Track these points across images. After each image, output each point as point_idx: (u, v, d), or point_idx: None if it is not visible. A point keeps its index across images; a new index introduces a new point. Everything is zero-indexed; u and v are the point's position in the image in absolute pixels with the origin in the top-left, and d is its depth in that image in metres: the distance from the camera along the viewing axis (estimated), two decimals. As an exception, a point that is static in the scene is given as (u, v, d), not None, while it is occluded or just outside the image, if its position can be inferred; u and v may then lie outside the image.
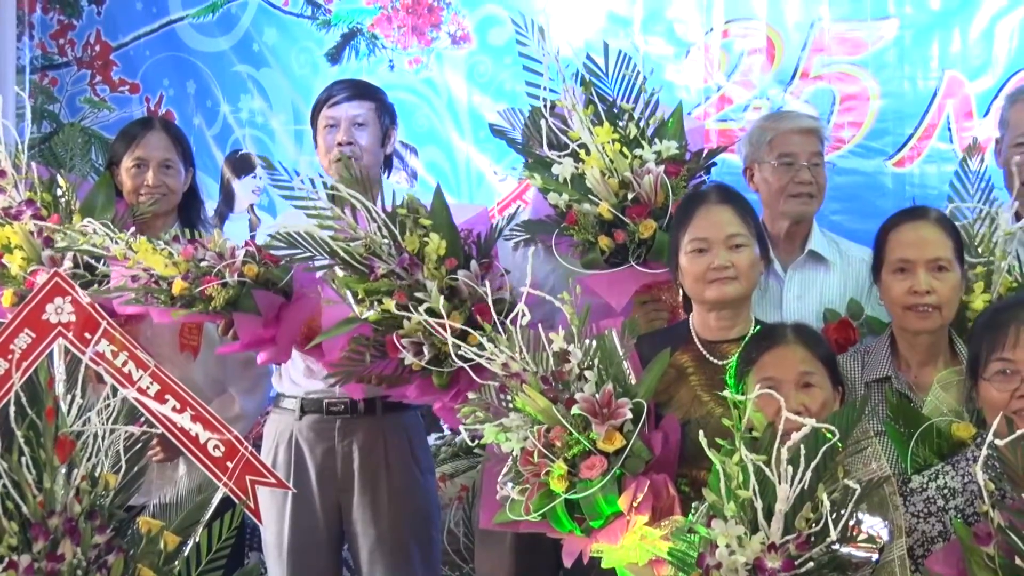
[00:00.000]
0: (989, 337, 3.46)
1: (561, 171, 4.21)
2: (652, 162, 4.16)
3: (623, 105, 4.30)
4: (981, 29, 5.45)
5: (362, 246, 4.04)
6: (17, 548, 3.63)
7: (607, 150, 4.16)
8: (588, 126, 4.19)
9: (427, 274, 3.97)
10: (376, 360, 4.08)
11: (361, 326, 4.05)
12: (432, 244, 4.00)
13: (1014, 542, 3.10)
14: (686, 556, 3.24)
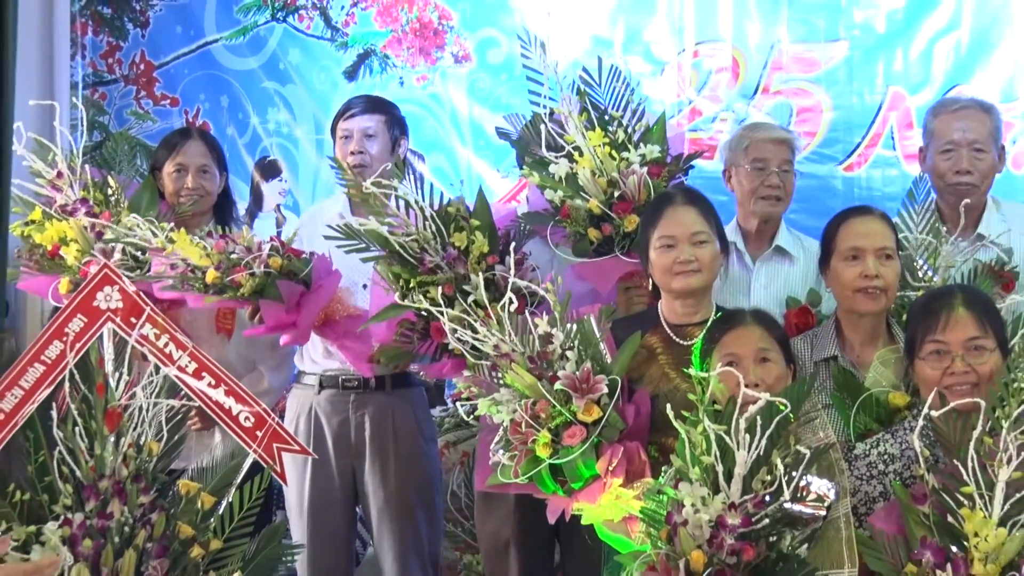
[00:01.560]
0: (924, 322, 3.49)
1: (557, 170, 4.23)
2: (637, 164, 4.18)
3: (613, 113, 4.31)
4: (920, 50, 5.46)
5: (414, 241, 4.07)
6: (71, 507, 3.66)
7: (598, 152, 4.18)
8: (582, 131, 4.21)
9: (470, 268, 4.00)
10: (421, 342, 4.12)
11: (407, 312, 4.08)
12: (478, 242, 4.04)
13: (946, 502, 3.14)
14: (656, 514, 3.26)
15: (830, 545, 3.24)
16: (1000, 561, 3.04)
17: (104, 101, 5.97)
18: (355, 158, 4.74)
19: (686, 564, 3.11)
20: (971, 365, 3.40)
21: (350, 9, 5.88)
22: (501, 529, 4.56)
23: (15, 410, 3.83)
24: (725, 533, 3.11)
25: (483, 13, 5.78)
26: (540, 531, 4.44)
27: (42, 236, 4.63)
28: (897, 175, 5.40)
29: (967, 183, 4.49)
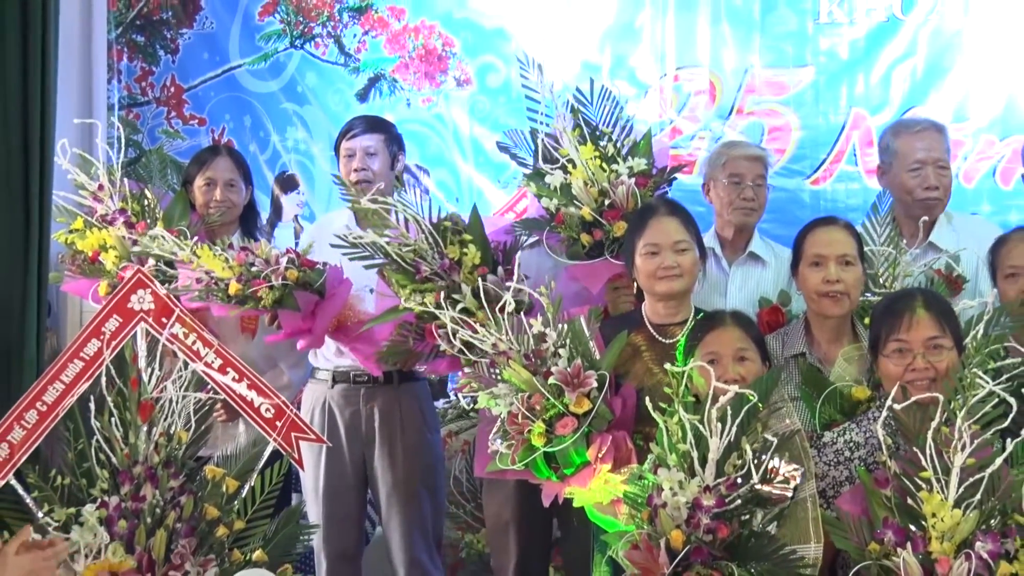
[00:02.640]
0: (887, 322, 3.49)
1: (552, 181, 4.22)
2: (625, 175, 4.17)
3: (603, 129, 4.31)
4: (880, 75, 5.47)
5: (411, 251, 4.08)
6: (108, 491, 3.67)
7: (590, 165, 4.17)
8: (575, 145, 4.21)
9: (462, 278, 4.01)
10: (417, 342, 4.13)
11: (406, 315, 4.09)
12: (470, 254, 4.04)
13: (906, 486, 3.14)
14: (639, 497, 3.26)
15: (797, 523, 3.24)
16: (955, 540, 3.04)
17: (138, 121, 5.98)
18: (358, 175, 4.73)
19: (666, 543, 3.12)
20: (930, 362, 3.40)
21: (362, 37, 5.89)
22: (502, 510, 4.56)
23: (56, 402, 3.83)
24: (701, 513, 3.11)
25: (482, 41, 5.79)
26: (538, 512, 4.38)
27: (84, 243, 4.65)
28: (859, 188, 5.41)
29: (935, 198, 4.50)
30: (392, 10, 5.87)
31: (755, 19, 5.57)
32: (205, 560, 3.61)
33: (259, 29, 5.96)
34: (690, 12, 5.61)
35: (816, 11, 5.52)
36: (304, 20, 5.94)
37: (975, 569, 2.99)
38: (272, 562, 3.69)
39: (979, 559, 2.99)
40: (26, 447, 3.80)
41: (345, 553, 4.80)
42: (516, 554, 4.56)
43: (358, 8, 5.90)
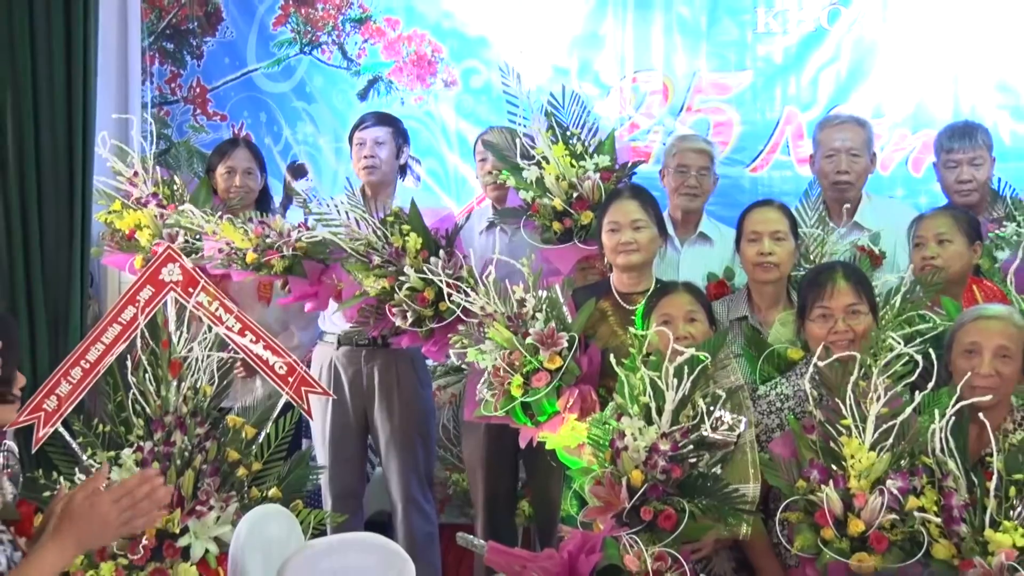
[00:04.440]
0: (812, 291, 3.49)
1: (529, 175, 4.20)
2: (592, 171, 4.16)
3: (573, 130, 4.29)
4: (809, 78, 5.46)
5: (362, 244, 4.10)
6: (143, 437, 3.68)
7: (561, 162, 4.16)
8: (548, 144, 4.19)
9: (409, 262, 4.01)
10: (378, 321, 4.15)
11: (368, 298, 4.12)
12: (411, 241, 4.04)
13: (829, 432, 3.15)
14: (603, 441, 3.27)
15: (738, 466, 3.25)
16: (870, 478, 3.05)
17: (168, 117, 5.95)
18: (368, 160, 4.76)
19: (627, 481, 3.13)
20: (850, 325, 3.40)
21: (362, 45, 5.86)
22: (473, 453, 4.64)
23: (98, 361, 3.84)
24: (658, 456, 3.12)
25: (467, 48, 5.76)
26: (503, 455, 4.53)
27: (121, 222, 4.65)
28: (791, 175, 5.40)
29: (845, 181, 4.50)
30: (388, 21, 5.85)
31: (702, 30, 5.55)
32: (227, 496, 3.61)
33: (273, 37, 5.94)
34: (646, 23, 5.59)
35: (754, 22, 5.51)
36: (312, 30, 5.91)
37: (887, 503, 3.00)
38: (285, 498, 3.70)
39: (890, 494, 3.01)
40: (72, 399, 3.81)
41: (348, 491, 4.80)
42: (483, 490, 4.64)
43: (359, 19, 5.88)
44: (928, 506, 3.00)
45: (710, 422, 3.15)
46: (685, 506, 3.11)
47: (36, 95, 4.61)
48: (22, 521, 2.49)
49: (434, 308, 4.00)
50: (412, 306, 3.99)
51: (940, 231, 3.91)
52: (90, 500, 2.29)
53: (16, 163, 4.58)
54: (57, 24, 4.62)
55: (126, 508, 2.31)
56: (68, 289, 4.65)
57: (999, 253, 3.96)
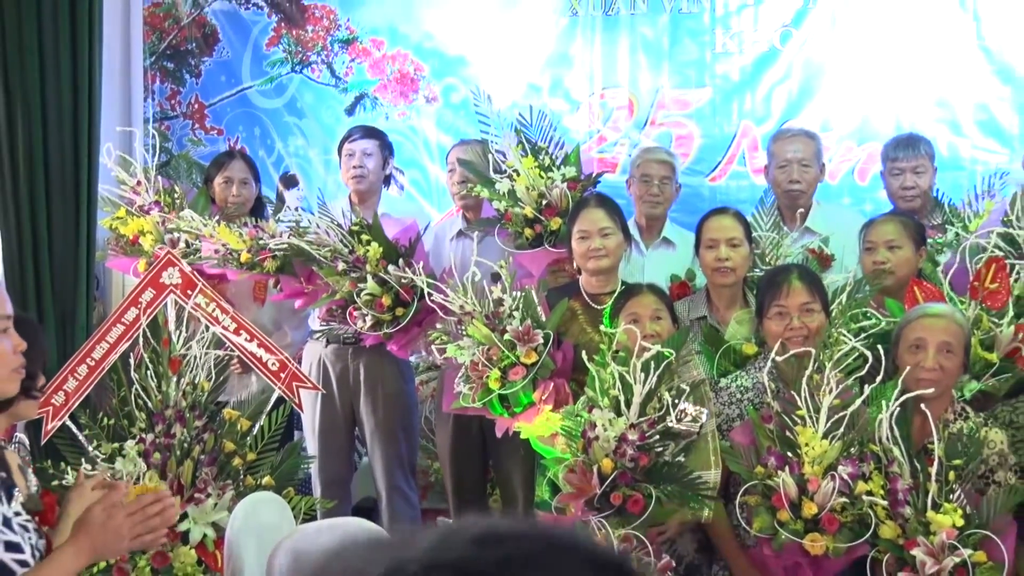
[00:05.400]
0: (769, 291, 3.49)
1: (501, 186, 4.20)
2: (559, 181, 4.16)
3: (540, 145, 4.29)
4: (764, 94, 5.45)
5: (328, 251, 4.10)
6: (145, 429, 3.66)
7: (531, 174, 4.16)
8: (518, 158, 4.20)
9: (370, 269, 4.01)
10: (343, 322, 4.16)
11: (335, 300, 4.13)
12: (372, 251, 4.03)
13: (785, 421, 3.16)
14: (575, 431, 3.26)
15: (700, 454, 3.25)
16: (823, 464, 3.07)
17: (168, 131, 5.91)
18: (356, 171, 4.77)
19: (598, 468, 3.12)
20: (804, 323, 3.40)
21: (349, 64, 5.84)
22: (443, 443, 4.63)
23: (103, 358, 3.81)
24: (626, 445, 3.12)
25: (447, 67, 5.74)
26: (469, 445, 4.51)
27: (126, 228, 4.60)
28: (747, 184, 5.39)
29: (796, 189, 4.52)
30: (374, 41, 5.83)
31: (664, 50, 5.54)
32: (224, 485, 3.59)
33: (266, 57, 5.91)
34: (613, 43, 5.57)
35: (713, 43, 5.49)
36: (302, 50, 5.89)
37: (838, 487, 3.02)
38: (278, 486, 3.67)
39: (841, 479, 3.03)
40: (79, 394, 3.79)
41: (337, 479, 4.78)
42: (452, 477, 4.63)
43: (346, 40, 5.86)
44: (875, 490, 3.02)
45: (675, 414, 3.14)
46: (652, 492, 3.11)
47: (45, 110, 4.59)
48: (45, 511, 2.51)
49: (391, 313, 4.02)
50: (370, 311, 4.00)
51: (890, 237, 3.91)
52: (107, 512, 2.33)
53: (27, 173, 4.56)
54: (64, 45, 4.61)
55: (138, 523, 2.36)
56: (75, 291, 4.62)
57: (940, 257, 3.97)
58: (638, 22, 5.55)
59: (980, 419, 3.29)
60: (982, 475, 3.17)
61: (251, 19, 5.92)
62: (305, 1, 5.86)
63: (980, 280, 3.69)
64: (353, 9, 5.84)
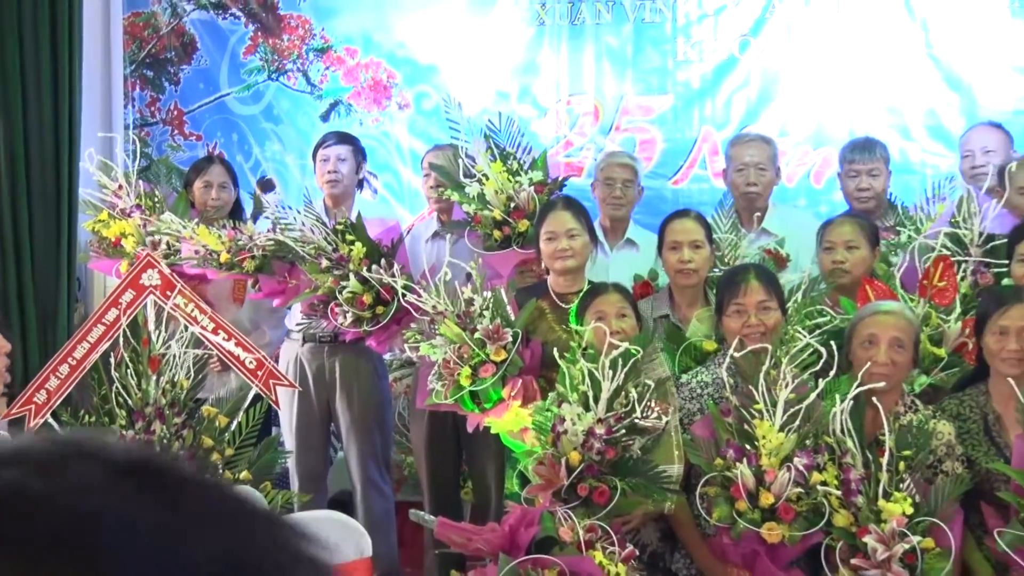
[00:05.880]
0: (728, 290, 3.50)
1: (471, 190, 4.20)
2: (526, 185, 4.16)
3: (509, 150, 4.29)
4: (723, 101, 5.49)
5: (313, 248, 4.11)
6: (125, 426, 3.61)
7: (499, 177, 4.16)
8: (487, 163, 4.19)
9: (353, 267, 4.02)
10: (325, 316, 4.16)
11: (317, 295, 4.14)
12: (356, 250, 4.04)
13: (743, 415, 3.17)
14: (544, 426, 3.25)
15: (664, 448, 3.26)
16: (779, 456, 3.07)
17: (148, 137, 5.87)
18: (331, 175, 4.75)
19: (566, 461, 3.12)
20: (761, 320, 3.41)
21: (324, 71, 5.83)
22: (418, 438, 4.61)
23: (84, 358, 3.77)
24: (594, 439, 3.12)
25: (419, 74, 5.74)
26: (444, 440, 4.50)
27: (108, 231, 4.58)
28: (708, 188, 5.41)
29: (753, 192, 4.54)
30: (348, 50, 5.81)
31: (628, 58, 5.56)
32: (203, 480, 3.55)
33: (243, 65, 5.88)
34: (579, 52, 5.59)
35: (674, 51, 5.52)
36: (279, 58, 5.87)
37: (794, 478, 3.03)
38: (256, 480, 3.65)
39: (797, 470, 3.04)
40: (60, 393, 3.75)
41: (313, 473, 4.76)
42: (427, 471, 4.61)
43: (321, 49, 5.84)
44: (829, 480, 3.04)
45: (641, 409, 3.15)
46: (617, 484, 3.11)
47: (26, 118, 4.57)
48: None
49: (372, 311, 4.02)
50: (352, 308, 4.01)
51: (848, 238, 3.94)
52: None
53: (8, 179, 4.54)
54: (45, 54, 4.59)
55: None
56: (56, 292, 4.60)
57: (894, 258, 4.00)
58: (603, 31, 5.57)
59: (929, 412, 3.32)
60: (930, 465, 3.20)
61: (229, 28, 5.90)
62: (281, 11, 5.85)
63: (929, 278, 3.73)
64: (328, 19, 5.83)
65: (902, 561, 2.89)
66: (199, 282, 4.48)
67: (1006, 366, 3.26)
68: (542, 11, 5.61)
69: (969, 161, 4.55)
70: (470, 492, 4.74)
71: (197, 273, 4.40)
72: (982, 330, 3.34)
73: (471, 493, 4.72)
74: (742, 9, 5.45)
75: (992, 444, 3.28)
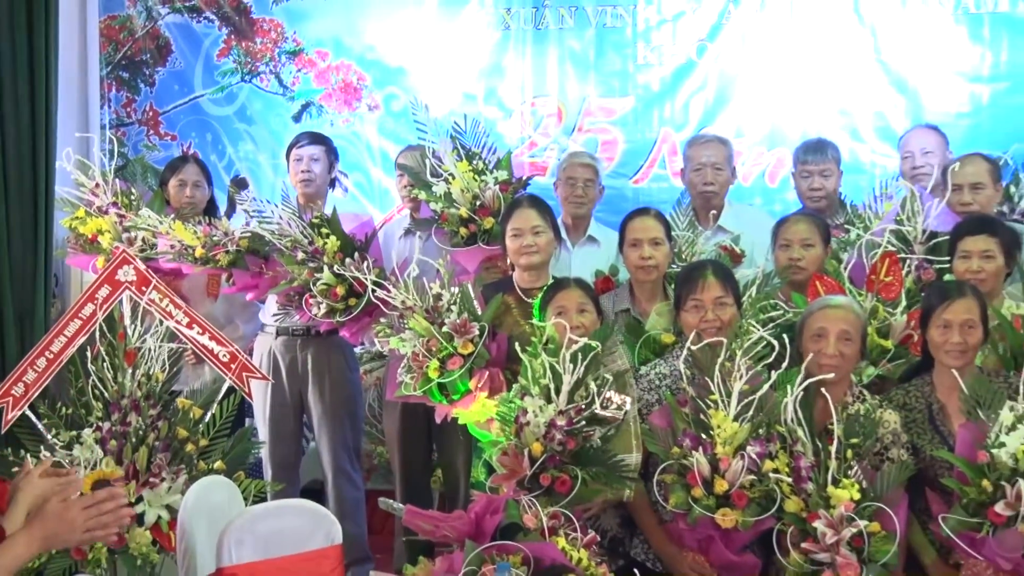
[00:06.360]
0: (686, 285, 3.50)
1: (438, 189, 4.18)
2: (491, 184, 4.15)
3: (474, 150, 4.28)
4: (682, 103, 5.50)
5: (289, 241, 4.10)
6: (101, 418, 3.60)
7: (465, 177, 4.15)
8: (454, 162, 4.18)
9: (327, 260, 4.01)
10: (299, 309, 4.14)
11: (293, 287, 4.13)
12: (330, 244, 4.03)
13: (700, 405, 3.18)
14: (508, 417, 3.26)
15: (623, 438, 3.26)
16: (734, 444, 3.09)
17: (124, 137, 5.83)
18: (304, 175, 4.72)
19: (529, 451, 3.12)
20: (718, 315, 3.41)
21: (296, 74, 5.80)
22: (391, 429, 4.60)
23: (61, 352, 3.75)
24: (555, 430, 3.12)
25: (388, 77, 5.73)
26: (416, 430, 4.49)
27: (85, 228, 4.55)
28: (667, 186, 5.42)
29: (710, 191, 4.56)
30: (319, 53, 5.79)
31: (590, 61, 5.57)
32: (177, 469, 3.54)
33: (217, 67, 5.85)
34: (543, 55, 5.59)
35: (635, 55, 5.53)
36: (252, 61, 5.84)
37: (747, 465, 3.05)
38: (229, 470, 3.63)
39: (750, 458, 3.05)
40: (38, 386, 3.73)
41: (286, 462, 4.73)
42: (400, 461, 4.59)
43: (293, 52, 5.82)
44: (781, 468, 3.05)
45: (600, 401, 3.15)
46: (578, 473, 3.11)
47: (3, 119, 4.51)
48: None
49: (345, 302, 4.01)
50: (325, 300, 4.00)
51: (804, 236, 3.96)
52: (64, 505, 2.31)
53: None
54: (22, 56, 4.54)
55: (92, 517, 2.32)
56: (33, 288, 4.56)
57: (844, 255, 4.03)
58: (566, 36, 5.58)
59: (876, 401, 3.34)
60: (877, 452, 3.22)
61: (203, 32, 5.87)
62: (254, 15, 5.83)
63: (875, 273, 3.77)
64: (299, 22, 5.81)
65: (850, 544, 2.91)
66: (174, 277, 4.47)
67: (949, 358, 3.29)
68: (507, 16, 5.61)
69: (910, 162, 4.59)
70: (439, 480, 4.74)
71: (173, 267, 4.39)
72: (927, 323, 3.37)
73: (441, 481, 4.72)
74: (699, 15, 5.48)
75: (936, 432, 3.32)
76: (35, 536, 2.27)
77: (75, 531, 2.31)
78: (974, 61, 5.25)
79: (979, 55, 5.25)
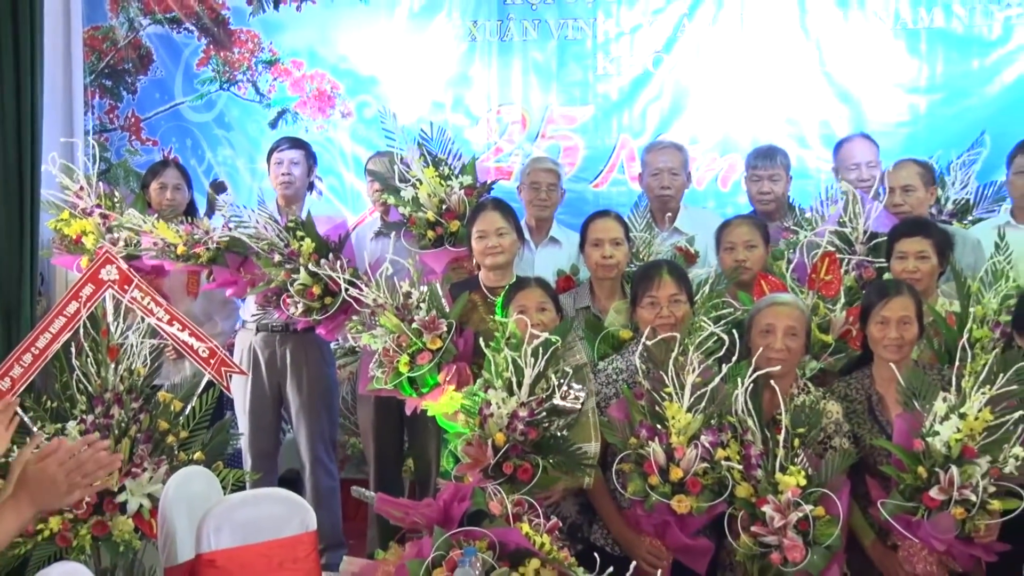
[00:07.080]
0: (642, 283, 3.51)
1: (406, 193, 4.18)
2: (457, 188, 4.15)
3: (440, 156, 4.28)
4: (639, 111, 5.52)
5: (265, 243, 4.10)
6: (85, 411, 3.56)
7: (432, 182, 4.15)
8: (421, 168, 4.18)
9: (303, 261, 4.00)
10: (277, 308, 4.13)
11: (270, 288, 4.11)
12: (306, 245, 4.02)
13: (655, 397, 3.19)
14: (473, 409, 3.26)
15: (582, 428, 3.27)
16: (687, 434, 3.10)
17: (107, 142, 5.78)
18: (284, 178, 4.73)
19: (492, 442, 3.13)
20: (672, 312, 3.42)
21: (272, 82, 5.77)
22: (365, 420, 4.61)
23: (46, 348, 3.72)
24: (517, 421, 3.13)
25: (360, 85, 5.71)
26: (389, 422, 4.51)
27: (69, 229, 4.53)
28: (626, 190, 5.43)
29: (666, 195, 4.59)
30: (294, 62, 5.76)
31: (553, 71, 5.57)
32: (158, 460, 3.51)
33: (196, 76, 5.81)
34: (508, 66, 5.59)
35: (595, 66, 5.53)
36: (230, 70, 5.80)
37: (700, 454, 3.06)
38: (209, 460, 3.61)
39: (703, 447, 3.07)
40: (24, 380, 3.69)
41: (265, 452, 4.73)
42: (374, 451, 4.60)
43: (269, 61, 5.79)
44: (732, 456, 3.07)
45: (560, 393, 3.16)
46: (539, 462, 3.12)
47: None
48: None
49: (321, 301, 4.01)
50: (302, 299, 3.99)
51: (747, 238, 3.99)
52: (40, 466, 2.23)
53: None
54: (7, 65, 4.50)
55: (72, 469, 2.24)
56: (19, 287, 4.52)
57: (791, 255, 4.06)
58: (530, 47, 5.58)
59: (819, 393, 3.37)
60: (821, 441, 3.26)
61: (183, 42, 5.82)
62: (232, 26, 5.78)
63: (816, 272, 3.80)
64: (275, 33, 5.77)
65: (796, 528, 2.94)
66: (156, 275, 4.45)
67: (887, 352, 3.33)
68: (474, 28, 5.61)
69: (856, 173, 4.58)
70: (410, 470, 4.74)
71: (155, 265, 4.37)
72: (866, 320, 3.41)
73: (412, 471, 4.71)
74: (656, 28, 5.49)
75: (875, 422, 3.35)
76: (21, 501, 2.20)
77: (58, 488, 2.22)
78: (912, 73, 5.31)
79: (916, 68, 5.30)
